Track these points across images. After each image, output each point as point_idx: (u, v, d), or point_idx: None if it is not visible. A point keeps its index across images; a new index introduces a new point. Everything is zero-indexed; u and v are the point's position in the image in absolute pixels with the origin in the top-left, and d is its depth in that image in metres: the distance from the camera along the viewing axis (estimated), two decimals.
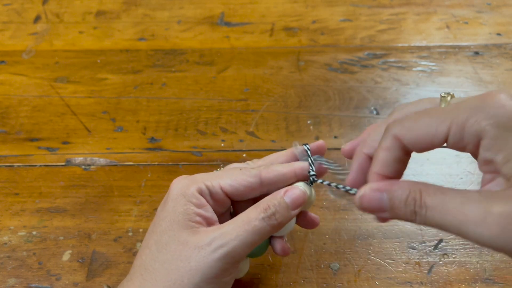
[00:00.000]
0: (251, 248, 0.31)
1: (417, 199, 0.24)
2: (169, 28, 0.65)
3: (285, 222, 0.33)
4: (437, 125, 0.24)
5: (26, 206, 0.47)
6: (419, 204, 0.24)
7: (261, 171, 0.34)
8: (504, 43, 0.62)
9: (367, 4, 0.68)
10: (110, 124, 0.54)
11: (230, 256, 0.30)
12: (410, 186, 0.25)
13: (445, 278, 0.42)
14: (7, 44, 0.63)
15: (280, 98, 0.56)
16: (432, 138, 0.25)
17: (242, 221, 0.32)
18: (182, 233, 0.32)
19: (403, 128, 0.25)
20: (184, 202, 0.33)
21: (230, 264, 0.31)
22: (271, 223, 0.31)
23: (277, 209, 0.32)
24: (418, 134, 0.25)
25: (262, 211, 0.32)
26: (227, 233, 0.31)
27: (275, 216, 0.32)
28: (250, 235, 0.31)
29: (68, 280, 0.42)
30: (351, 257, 0.43)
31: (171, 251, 0.31)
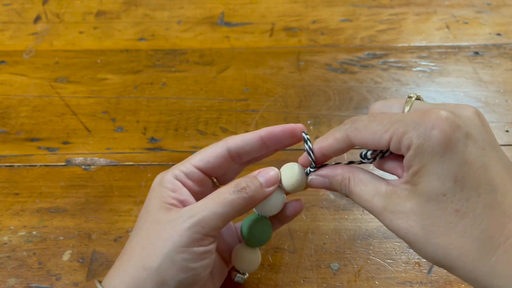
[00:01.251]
0: (222, 219, 0.32)
1: (346, 185, 0.32)
2: (169, 28, 0.65)
3: (259, 197, 0.33)
4: (381, 133, 0.28)
5: (26, 206, 0.47)
6: (347, 189, 0.32)
7: (226, 140, 0.36)
8: (504, 43, 0.62)
9: (367, 4, 0.68)
10: (110, 124, 0.54)
11: (200, 226, 0.31)
12: (343, 173, 0.32)
13: (445, 278, 0.42)
14: (7, 44, 0.63)
15: (280, 98, 0.56)
16: (377, 144, 0.29)
17: (214, 195, 0.33)
18: (156, 213, 0.33)
19: (355, 130, 0.30)
20: (159, 189, 0.34)
21: (200, 233, 0.31)
22: (242, 196, 0.32)
23: (248, 184, 0.33)
24: (366, 138, 0.29)
25: (234, 186, 0.33)
26: (197, 206, 0.32)
27: (246, 190, 0.33)
28: (220, 207, 0.32)
29: (68, 280, 0.42)
30: (351, 257, 0.43)
31: (145, 230, 0.33)
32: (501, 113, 0.54)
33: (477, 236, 0.26)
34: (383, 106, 0.32)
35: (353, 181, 0.31)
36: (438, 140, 0.26)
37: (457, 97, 0.56)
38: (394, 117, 0.28)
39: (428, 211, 0.27)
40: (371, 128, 0.29)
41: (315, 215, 0.46)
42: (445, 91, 0.57)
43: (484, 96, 0.56)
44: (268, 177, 0.34)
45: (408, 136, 0.27)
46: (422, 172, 0.27)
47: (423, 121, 0.27)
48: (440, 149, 0.26)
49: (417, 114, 0.28)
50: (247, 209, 0.33)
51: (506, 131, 0.52)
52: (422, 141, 0.27)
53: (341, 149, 0.32)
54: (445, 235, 0.27)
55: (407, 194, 0.28)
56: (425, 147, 0.27)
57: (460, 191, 0.26)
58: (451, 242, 0.27)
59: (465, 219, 0.26)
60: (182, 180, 0.35)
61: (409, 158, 0.28)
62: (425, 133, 0.26)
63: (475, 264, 0.26)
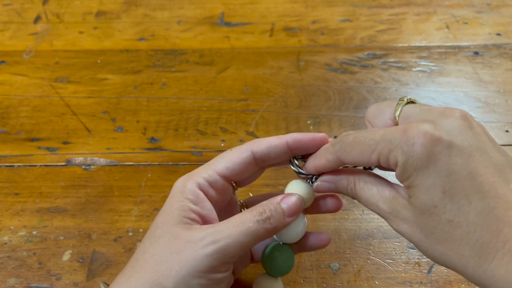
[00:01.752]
0: (242, 248, 0.31)
1: (352, 189, 0.32)
2: (169, 28, 0.65)
3: (280, 228, 0.33)
4: (369, 154, 0.29)
5: (26, 206, 0.47)
6: (353, 193, 0.32)
7: (251, 145, 0.35)
8: (504, 43, 0.62)
9: (367, 4, 0.68)
10: (110, 124, 0.54)
11: (221, 254, 0.30)
12: (348, 177, 0.32)
13: (445, 278, 0.42)
14: (7, 44, 0.63)
15: (280, 98, 0.56)
16: (367, 163, 0.30)
17: (237, 221, 0.32)
18: (175, 228, 0.32)
19: (344, 153, 0.31)
20: (180, 199, 0.33)
21: (219, 261, 0.31)
22: (265, 227, 0.32)
23: (273, 214, 0.32)
24: (356, 159, 0.31)
25: (258, 214, 0.32)
26: (220, 231, 0.31)
27: (269, 220, 0.32)
28: (243, 236, 0.31)
29: (68, 280, 0.42)
30: (351, 257, 0.43)
31: (162, 244, 0.32)
32: (501, 113, 0.54)
33: (473, 244, 0.26)
34: (375, 111, 0.33)
35: (358, 185, 0.32)
36: (419, 155, 0.27)
37: (457, 97, 0.56)
38: (378, 135, 0.29)
39: (424, 221, 0.28)
40: (358, 149, 0.30)
41: (315, 215, 0.46)
42: (445, 91, 0.57)
43: (484, 96, 0.56)
44: (291, 204, 0.33)
45: (393, 155, 0.28)
46: (412, 187, 0.28)
47: (405, 138, 0.28)
48: (424, 164, 0.27)
49: (399, 130, 0.28)
50: (267, 238, 0.33)
51: (506, 131, 0.52)
52: (406, 158, 0.27)
53: (334, 168, 0.33)
54: (444, 242, 0.27)
55: (405, 204, 0.29)
56: (409, 163, 0.27)
57: (450, 202, 0.27)
58: (451, 249, 0.27)
59: (459, 228, 0.27)
60: (205, 190, 0.33)
61: (398, 174, 0.29)
62: (408, 150, 0.27)
63: (476, 269, 0.26)
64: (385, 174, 0.33)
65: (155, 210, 0.47)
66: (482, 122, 0.53)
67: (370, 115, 0.33)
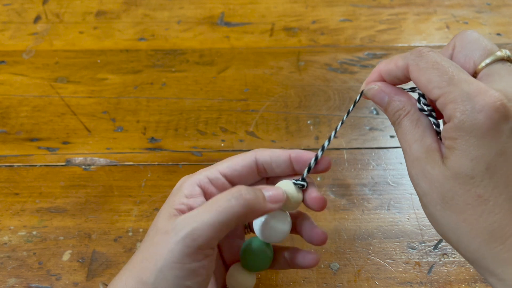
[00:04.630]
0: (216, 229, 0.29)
1: (401, 115, 0.30)
2: (169, 28, 0.65)
3: (259, 209, 0.31)
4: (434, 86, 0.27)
5: (26, 206, 0.47)
6: (399, 119, 0.30)
7: (256, 152, 0.35)
8: (504, 43, 0.62)
9: (367, 4, 0.68)
10: (110, 124, 0.54)
11: (190, 238, 0.29)
12: (404, 104, 0.30)
13: (445, 278, 0.42)
14: (7, 44, 0.63)
15: (280, 98, 0.56)
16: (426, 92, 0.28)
17: (207, 203, 0.31)
18: (161, 221, 0.31)
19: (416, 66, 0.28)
20: (176, 194, 0.33)
21: (191, 247, 0.29)
22: (239, 203, 0.30)
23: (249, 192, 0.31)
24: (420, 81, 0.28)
25: (230, 193, 0.30)
26: (189, 217, 0.30)
27: (245, 196, 0.30)
28: (214, 216, 0.29)
29: (68, 280, 0.42)
30: (351, 257, 0.43)
31: (149, 239, 0.31)
32: None
33: (490, 223, 0.26)
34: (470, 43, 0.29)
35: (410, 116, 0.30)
36: (481, 125, 0.26)
37: None
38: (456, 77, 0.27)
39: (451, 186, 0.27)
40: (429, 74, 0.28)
41: (315, 215, 0.46)
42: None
43: None
44: (273, 193, 0.32)
45: (453, 106, 0.26)
46: (456, 149, 0.26)
47: (475, 98, 0.26)
48: (480, 134, 0.26)
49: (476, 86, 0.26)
50: (245, 219, 0.31)
51: None
52: (464, 118, 0.26)
53: (398, 77, 0.30)
54: (461, 212, 0.27)
55: (438, 161, 0.27)
56: (465, 125, 0.26)
57: (488, 178, 0.26)
58: (465, 219, 0.27)
59: (485, 205, 0.26)
60: (205, 186, 0.33)
61: (447, 129, 0.27)
62: (471, 112, 0.26)
63: (482, 246, 0.26)
64: None
65: (155, 210, 0.47)
66: None
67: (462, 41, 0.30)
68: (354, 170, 0.49)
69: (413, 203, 0.47)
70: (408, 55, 0.29)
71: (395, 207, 0.47)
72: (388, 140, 0.52)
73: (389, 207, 0.47)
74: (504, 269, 0.26)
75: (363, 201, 0.47)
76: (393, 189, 0.48)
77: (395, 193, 0.48)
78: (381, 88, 0.31)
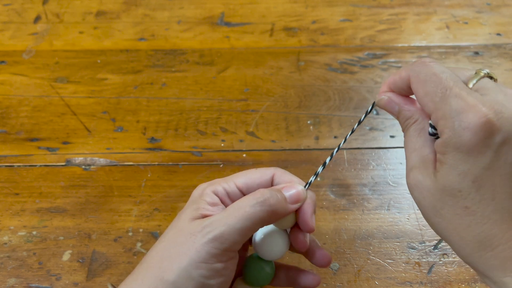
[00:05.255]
0: (242, 234, 0.31)
1: (410, 123, 0.31)
2: (169, 28, 0.65)
3: (281, 212, 0.32)
4: (429, 100, 0.28)
5: (26, 206, 0.47)
6: (407, 127, 0.31)
7: (275, 171, 0.35)
8: (504, 43, 0.62)
9: (367, 4, 0.68)
10: (110, 124, 0.54)
11: (218, 241, 0.30)
12: (413, 113, 0.31)
13: (445, 278, 0.42)
14: (7, 44, 0.63)
15: (280, 98, 0.56)
16: (421, 104, 0.29)
17: (234, 207, 0.32)
18: (183, 222, 0.32)
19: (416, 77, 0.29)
20: (197, 201, 0.33)
21: (218, 249, 0.30)
22: (264, 209, 0.31)
23: (272, 196, 0.32)
24: (418, 92, 0.29)
25: (255, 199, 0.32)
26: (218, 219, 0.31)
27: (268, 202, 0.32)
28: (239, 221, 0.31)
29: (68, 280, 0.42)
30: (351, 257, 0.43)
31: (168, 239, 0.32)
32: None
33: (478, 233, 0.27)
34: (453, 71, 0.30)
35: (416, 125, 0.30)
36: (466, 141, 0.26)
37: None
38: (448, 92, 0.28)
39: (440, 197, 0.28)
40: (426, 87, 0.28)
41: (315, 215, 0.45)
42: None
43: None
44: (293, 193, 0.33)
45: (443, 123, 0.27)
46: (445, 163, 0.27)
47: (461, 115, 0.26)
48: (466, 150, 0.27)
49: (464, 103, 0.27)
50: (268, 223, 0.32)
51: None
52: (451, 135, 0.27)
53: (402, 88, 0.31)
54: (450, 222, 0.28)
55: (430, 173, 0.29)
56: (452, 142, 0.27)
57: (475, 192, 0.27)
58: (455, 229, 0.28)
59: (472, 216, 0.27)
60: (222, 198, 0.34)
61: (437, 144, 0.28)
62: (458, 129, 0.26)
63: (472, 253, 0.27)
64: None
65: (155, 210, 0.47)
66: None
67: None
68: (354, 170, 0.49)
69: (413, 203, 0.47)
70: (411, 66, 0.30)
71: (395, 207, 0.47)
72: (388, 140, 0.52)
73: (389, 207, 0.47)
74: (495, 273, 0.27)
75: (363, 201, 0.47)
76: (393, 189, 0.48)
77: (395, 193, 0.48)
78: (390, 98, 0.32)
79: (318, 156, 0.50)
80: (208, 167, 0.50)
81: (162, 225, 0.45)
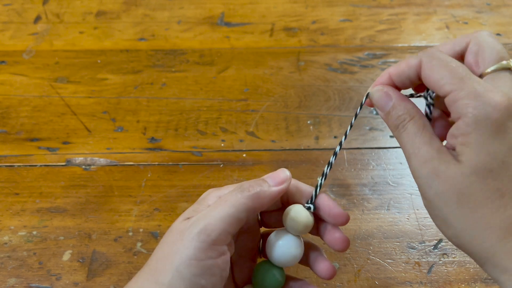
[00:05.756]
0: (227, 222, 0.31)
1: (406, 120, 0.30)
2: (169, 28, 0.65)
3: (265, 195, 0.32)
4: (444, 83, 0.28)
5: (27, 206, 0.47)
6: (404, 124, 0.30)
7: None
8: (504, 43, 0.62)
9: (367, 4, 0.68)
10: (110, 124, 0.54)
11: (204, 234, 0.30)
12: (407, 110, 0.30)
13: (444, 278, 0.42)
14: (7, 44, 0.63)
15: (280, 98, 0.56)
16: (436, 89, 0.29)
17: (218, 201, 0.32)
18: (176, 223, 0.32)
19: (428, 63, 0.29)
20: (199, 203, 0.33)
21: (205, 242, 0.30)
22: (245, 194, 0.31)
23: (251, 182, 0.32)
24: (431, 77, 0.29)
25: (234, 188, 0.32)
26: (202, 215, 0.31)
27: (246, 186, 0.32)
28: (222, 210, 0.31)
29: (68, 280, 0.42)
30: (351, 257, 0.43)
31: (162, 240, 0.32)
32: None
33: (507, 216, 0.26)
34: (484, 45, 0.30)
35: (416, 120, 0.30)
36: (494, 119, 0.26)
37: None
38: (467, 76, 0.28)
39: (470, 182, 0.27)
40: (442, 71, 0.28)
41: None
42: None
43: None
44: (275, 175, 0.33)
45: (465, 102, 0.27)
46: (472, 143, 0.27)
47: (485, 96, 0.27)
48: (494, 129, 0.26)
49: (483, 87, 0.27)
50: (254, 210, 0.32)
51: None
52: (477, 113, 0.26)
53: (409, 77, 0.31)
54: (479, 207, 0.27)
55: (451, 161, 0.28)
56: (480, 120, 0.26)
57: (505, 171, 0.27)
58: (483, 216, 0.27)
59: (503, 198, 0.27)
60: None
61: (459, 125, 0.27)
62: (484, 109, 0.26)
63: (497, 241, 0.27)
64: None
65: (155, 210, 0.47)
66: None
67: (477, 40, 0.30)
68: (354, 170, 0.49)
69: (413, 203, 0.47)
70: (421, 54, 0.30)
71: (395, 207, 0.47)
72: (388, 140, 0.52)
73: (389, 207, 0.47)
74: None
75: (363, 201, 0.47)
76: (393, 189, 0.48)
77: (395, 193, 0.48)
78: (388, 91, 0.32)
79: (318, 156, 0.50)
80: (208, 167, 0.50)
81: (162, 225, 0.45)
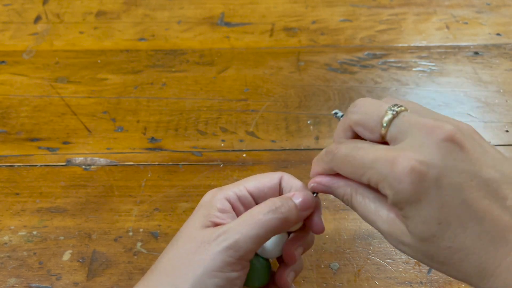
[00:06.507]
0: (256, 242, 0.31)
1: (348, 200, 0.32)
2: (169, 28, 0.65)
3: (292, 219, 0.33)
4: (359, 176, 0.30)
5: (27, 206, 0.47)
6: (350, 204, 0.32)
7: (282, 175, 0.36)
8: (504, 43, 0.62)
9: (367, 4, 0.68)
10: (111, 124, 0.54)
11: (233, 250, 0.31)
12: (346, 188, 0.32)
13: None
14: (7, 44, 0.63)
15: (280, 98, 0.56)
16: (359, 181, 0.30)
17: (247, 216, 0.32)
18: (194, 230, 0.32)
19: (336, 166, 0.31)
20: (208, 207, 0.33)
21: (233, 257, 0.31)
22: (276, 217, 0.32)
23: (283, 204, 0.32)
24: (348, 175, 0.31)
25: (267, 207, 0.32)
26: (232, 228, 0.31)
27: (280, 210, 0.32)
28: (253, 229, 0.31)
29: (68, 280, 0.42)
30: (351, 257, 0.43)
31: (180, 246, 0.32)
32: (501, 113, 0.54)
33: (474, 264, 0.27)
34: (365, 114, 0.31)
35: (355, 199, 0.31)
36: (409, 192, 0.27)
37: (457, 97, 0.56)
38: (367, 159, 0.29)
39: (425, 248, 0.28)
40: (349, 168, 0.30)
41: None
42: (445, 91, 0.57)
43: (484, 96, 0.56)
44: (303, 199, 0.34)
45: (382, 186, 0.28)
46: (407, 218, 0.28)
47: (392, 173, 0.27)
48: (414, 199, 0.27)
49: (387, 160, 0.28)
50: (281, 230, 0.33)
51: (506, 131, 0.52)
52: (395, 193, 0.27)
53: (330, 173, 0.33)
54: (446, 264, 0.28)
55: (404, 230, 0.29)
56: (399, 199, 0.27)
57: (447, 231, 0.27)
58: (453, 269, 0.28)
59: (459, 253, 0.28)
60: (233, 203, 0.34)
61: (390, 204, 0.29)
62: (396, 186, 0.27)
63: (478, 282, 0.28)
64: None
65: (155, 210, 0.47)
66: (482, 122, 0.53)
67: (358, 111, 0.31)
68: None
69: None
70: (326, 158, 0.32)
71: None
72: None
73: None
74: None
75: None
76: None
77: None
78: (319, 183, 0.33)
79: None
80: (208, 167, 0.50)
81: (162, 225, 0.45)
